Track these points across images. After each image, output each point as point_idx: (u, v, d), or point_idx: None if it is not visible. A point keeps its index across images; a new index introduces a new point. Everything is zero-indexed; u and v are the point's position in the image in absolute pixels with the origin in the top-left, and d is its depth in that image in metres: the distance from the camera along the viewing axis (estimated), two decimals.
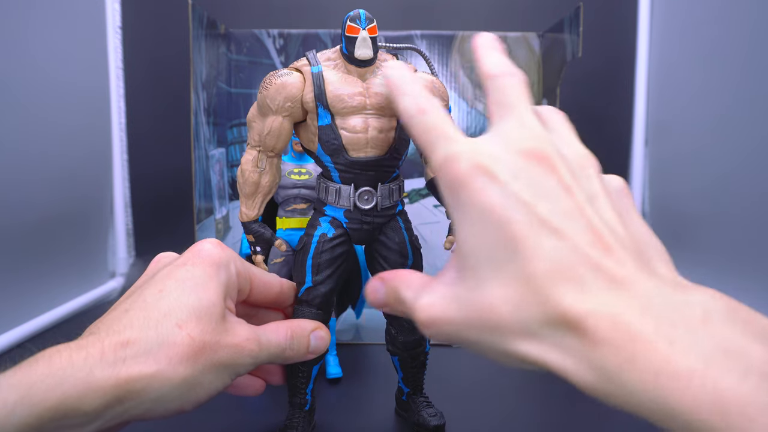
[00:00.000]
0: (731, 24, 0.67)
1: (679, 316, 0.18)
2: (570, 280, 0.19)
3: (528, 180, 0.21)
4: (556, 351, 0.19)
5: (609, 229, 0.20)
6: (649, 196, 0.86)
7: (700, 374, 0.16)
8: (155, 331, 0.25)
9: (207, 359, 0.26)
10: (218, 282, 0.28)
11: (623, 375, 0.17)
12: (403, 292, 0.25)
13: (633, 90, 0.85)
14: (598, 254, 0.19)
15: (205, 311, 0.27)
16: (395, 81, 0.26)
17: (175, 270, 0.28)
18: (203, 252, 0.29)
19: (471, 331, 0.22)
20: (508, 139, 0.23)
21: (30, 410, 0.21)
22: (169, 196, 0.84)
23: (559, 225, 0.20)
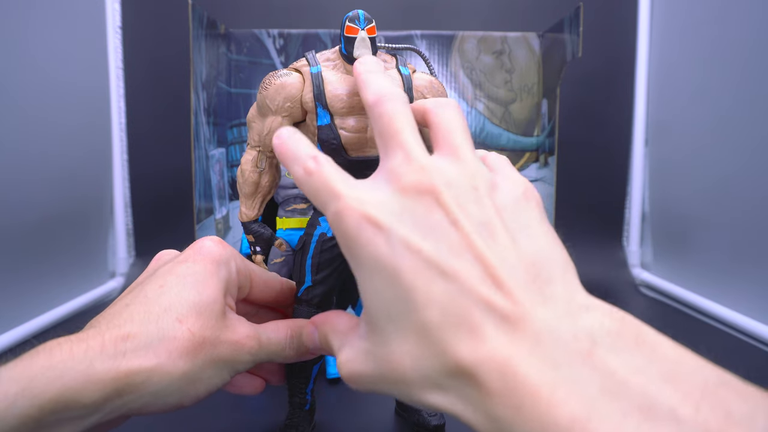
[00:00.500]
0: (731, 24, 0.67)
1: (564, 353, 0.18)
2: (462, 326, 0.19)
3: (413, 220, 0.21)
4: (459, 401, 0.19)
5: (500, 259, 0.20)
6: (649, 197, 0.86)
7: (579, 424, 0.16)
8: (156, 326, 0.25)
9: (207, 354, 0.26)
10: (219, 279, 0.29)
11: (514, 426, 0.17)
12: (331, 340, 0.26)
13: (633, 90, 0.86)
14: (488, 291, 0.19)
15: (206, 307, 0.27)
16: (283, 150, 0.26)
17: (176, 266, 0.29)
18: (204, 249, 0.30)
19: (384, 385, 0.22)
20: (393, 176, 0.22)
21: (31, 402, 0.21)
22: (169, 196, 0.84)
23: (447, 265, 0.20)
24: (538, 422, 0.17)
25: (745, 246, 0.65)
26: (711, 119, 0.71)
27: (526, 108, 0.74)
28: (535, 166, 0.74)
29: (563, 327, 0.18)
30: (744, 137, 0.65)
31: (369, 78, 0.26)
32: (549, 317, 0.19)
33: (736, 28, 0.66)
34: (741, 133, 0.65)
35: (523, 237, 0.22)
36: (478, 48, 0.73)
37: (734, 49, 0.66)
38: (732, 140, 0.67)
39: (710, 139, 0.71)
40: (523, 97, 0.74)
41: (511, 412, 0.17)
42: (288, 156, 0.25)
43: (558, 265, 0.21)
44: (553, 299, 0.20)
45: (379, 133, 0.24)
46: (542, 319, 0.19)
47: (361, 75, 0.27)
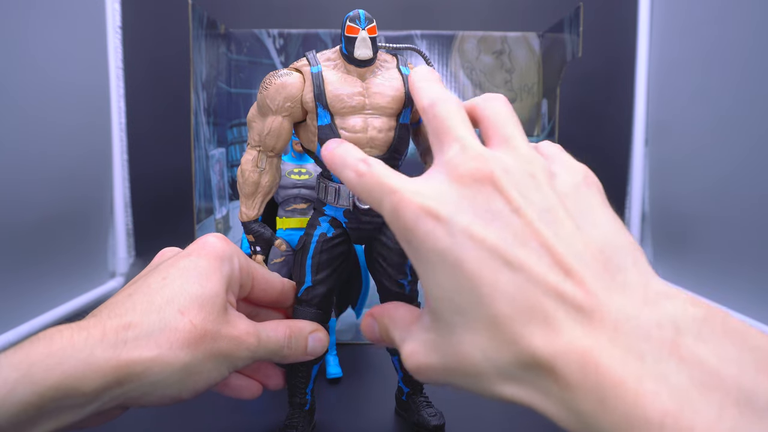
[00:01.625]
0: (731, 24, 0.67)
1: (648, 343, 0.17)
2: (534, 317, 0.18)
3: (474, 209, 0.20)
4: (537, 393, 0.19)
5: (567, 246, 0.19)
6: (649, 197, 0.86)
7: (672, 419, 0.15)
8: (157, 316, 0.26)
9: (207, 347, 0.26)
10: (221, 274, 0.29)
11: (598, 419, 0.16)
12: (392, 332, 0.26)
13: (633, 90, 0.86)
14: (559, 279, 0.18)
15: (208, 300, 0.27)
16: (332, 158, 0.26)
17: (179, 260, 0.29)
18: (208, 245, 0.30)
19: (454, 377, 0.21)
20: (449, 168, 0.22)
21: (31, 389, 0.21)
22: (169, 196, 0.84)
23: (513, 254, 0.19)
24: (624, 417, 0.16)
25: (745, 246, 0.65)
26: (711, 119, 0.71)
27: (526, 108, 0.74)
28: None
29: (643, 315, 0.17)
30: (744, 137, 0.65)
31: (423, 85, 0.26)
32: (626, 305, 0.18)
33: (736, 29, 0.66)
34: (741, 132, 0.65)
35: (588, 223, 0.21)
36: (478, 48, 0.73)
37: (734, 49, 0.66)
38: (732, 140, 0.67)
39: (710, 138, 0.71)
40: (523, 97, 0.74)
41: (595, 406, 0.16)
42: (338, 163, 0.26)
43: (627, 251, 0.20)
44: (628, 287, 0.19)
45: (434, 132, 0.24)
46: (619, 308, 0.18)
47: (416, 83, 0.27)
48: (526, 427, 0.43)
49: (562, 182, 0.22)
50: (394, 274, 0.38)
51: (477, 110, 0.25)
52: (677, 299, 0.18)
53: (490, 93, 0.26)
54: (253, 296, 0.34)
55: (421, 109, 0.25)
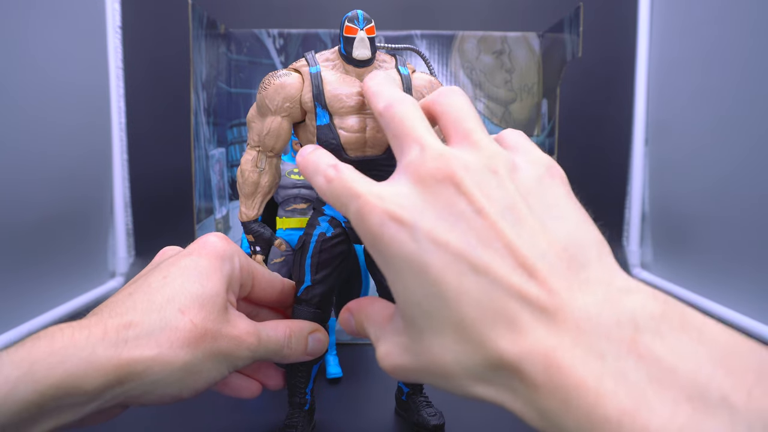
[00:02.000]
0: (731, 24, 0.67)
1: (608, 342, 0.17)
2: (500, 319, 0.18)
3: (437, 212, 0.20)
4: (506, 392, 0.19)
5: (531, 245, 0.19)
6: (648, 197, 0.86)
7: (629, 417, 0.15)
8: (158, 315, 0.26)
9: (207, 346, 0.26)
10: (222, 273, 0.29)
11: (562, 418, 0.17)
12: (367, 329, 0.26)
13: (633, 90, 0.86)
14: (522, 281, 0.19)
15: (208, 299, 0.27)
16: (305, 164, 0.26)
17: (180, 259, 0.29)
18: (208, 244, 0.30)
19: (428, 377, 0.22)
20: (410, 170, 0.22)
21: (32, 387, 0.21)
22: (169, 196, 0.84)
23: (477, 257, 0.19)
24: (586, 416, 0.16)
25: (745, 246, 0.65)
26: (711, 119, 0.71)
27: (526, 108, 0.74)
28: None
29: (604, 314, 0.18)
30: (744, 137, 0.65)
31: (378, 89, 0.26)
32: (588, 304, 0.18)
33: (736, 28, 0.66)
34: (741, 132, 0.65)
35: (552, 219, 0.21)
36: (478, 48, 0.73)
37: (734, 49, 0.66)
38: (732, 140, 0.67)
39: (710, 138, 0.71)
40: (523, 97, 0.74)
41: (559, 405, 0.17)
42: (310, 169, 0.26)
43: (592, 246, 0.20)
44: (591, 284, 0.19)
45: (393, 135, 0.24)
46: (581, 307, 0.18)
47: (371, 88, 0.27)
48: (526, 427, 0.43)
49: (525, 176, 0.22)
50: None
51: (434, 107, 0.25)
52: (638, 295, 0.18)
53: (446, 87, 0.26)
54: (253, 296, 0.34)
55: (378, 113, 0.25)
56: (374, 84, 0.27)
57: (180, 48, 0.68)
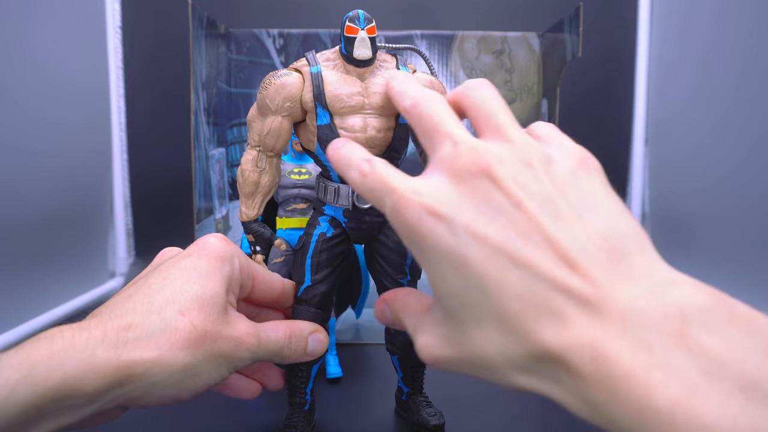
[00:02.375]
0: (731, 24, 0.67)
1: (655, 334, 0.17)
2: (543, 311, 0.18)
3: (474, 206, 0.20)
4: (552, 383, 0.19)
5: (571, 239, 0.19)
6: (649, 197, 0.86)
7: (682, 408, 0.15)
8: (158, 317, 0.26)
9: (207, 348, 0.26)
10: (222, 274, 0.29)
11: (610, 409, 0.17)
12: (404, 320, 0.26)
13: (633, 90, 0.86)
14: (564, 274, 0.19)
15: (208, 301, 0.27)
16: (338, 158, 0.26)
17: (179, 260, 0.29)
18: (208, 245, 0.30)
19: (470, 368, 0.21)
20: (445, 165, 0.22)
21: (32, 390, 0.21)
22: (169, 196, 0.84)
23: (518, 251, 0.19)
24: (636, 407, 0.16)
25: (745, 246, 0.65)
26: (711, 119, 0.71)
27: (526, 108, 0.74)
28: None
29: (650, 306, 0.18)
30: (744, 137, 0.65)
31: (402, 87, 0.26)
32: (633, 296, 0.18)
33: (736, 29, 0.66)
34: (741, 132, 0.65)
35: (589, 211, 0.21)
36: (478, 48, 0.73)
37: (734, 50, 0.66)
38: (732, 140, 0.67)
39: (710, 138, 0.71)
40: (523, 97, 0.74)
41: (607, 396, 0.17)
42: (343, 163, 0.25)
43: (632, 238, 0.20)
44: (634, 276, 0.19)
45: (422, 132, 0.24)
46: (626, 299, 0.18)
47: (395, 88, 0.26)
48: (525, 426, 0.43)
49: (560, 168, 0.22)
50: (393, 274, 0.38)
51: (463, 100, 0.25)
52: (684, 286, 0.18)
53: (473, 80, 0.25)
54: (253, 297, 0.34)
55: (404, 111, 0.25)
56: (398, 83, 0.27)
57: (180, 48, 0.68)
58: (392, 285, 0.38)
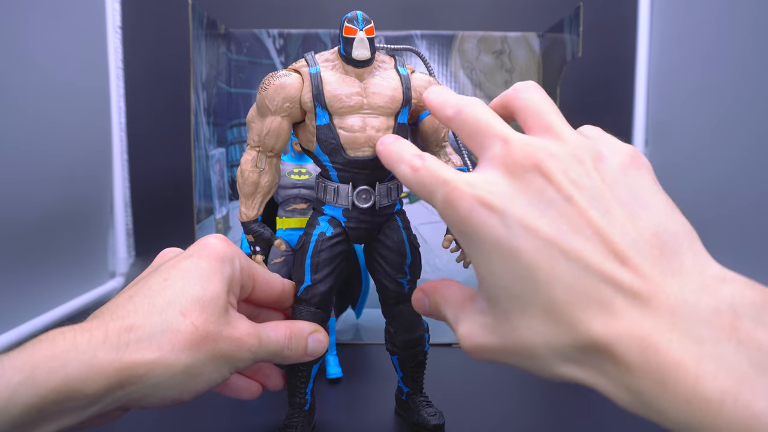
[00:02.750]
0: (731, 24, 0.67)
1: (706, 328, 0.17)
2: (592, 303, 0.19)
3: (527, 199, 0.21)
4: (596, 374, 0.19)
5: (621, 233, 0.20)
6: None
7: (731, 397, 0.16)
8: (159, 318, 0.26)
9: (208, 349, 0.26)
10: (222, 275, 0.29)
11: (658, 399, 0.17)
12: (444, 310, 0.26)
13: (633, 90, 0.86)
14: (614, 267, 0.19)
15: (209, 302, 0.27)
16: (388, 153, 0.27)
17: (180, 261, 0.29)
18: (209, 246, 0.30)
19: (512, 357, 0.22)
20: (497, 161, 0.22)
21: (34, 391, 0.21)
22: (169, 196, 0.84)
23: (568, 243, 0.19)
24: (684, 397, 0.16)
25: (744, 246, 0.65)
26: (711, 120, 0.71)
27: None
28: None
29: (702, 301, 0.18)
30: (744, 138, 0.65)
31: (442, 98, 0.26)
32: (684, 291, 0.18)
33: (736, 29, 0.66)
34: (741, 133, 0.65)
35: (640, 208, 0.21)
36: (478, 48, 0.73)
37: (734, 50, 0.66)
38: (732, 141, 0.67)
39: (710, 139, 0.71)
40: None
41: (655, 386, 0.17)
42: (393, 158, 0.26)
43: (682, 235, 0.21)
44: (684, 272, 0.19)
45: (470, 136, 0.24)
46: (676, 294, 0.18)
47: (434, 100, 0.27)
48: (526, 426, 0.43)
49: (611, 165, 0.22)
50: (393, 274, 0.38)
51: (511, 102, 0.25)
52: (735, 283, 0.19)
53: (521, 83, 0.26)
54: (253, 297, 0.34)
55: (448, 120, 0.25)
56: (436, 95, 0.27)
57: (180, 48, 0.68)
58: (392, 285, 0.38)
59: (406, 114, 0.37)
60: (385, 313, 0.40)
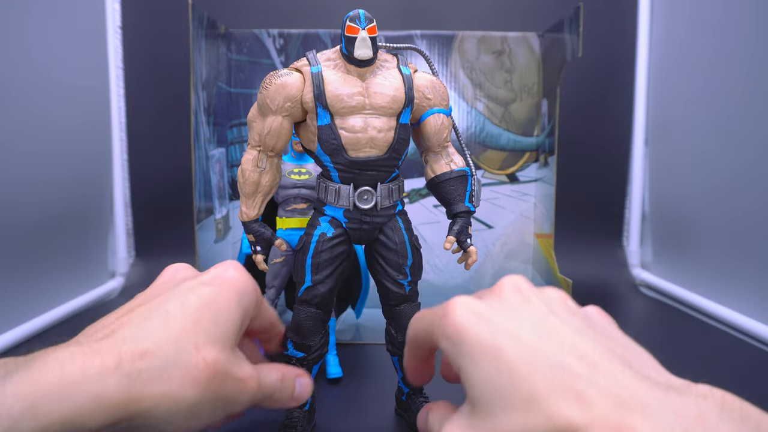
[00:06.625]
0: (732, 26, 0.67)
1: (676, 418, 0.19)
2: (569, 394, 0.21)
3: (510, 313, 0.24)
4: None
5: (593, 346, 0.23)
6: (649, 197, 0.86)
7: None
8: (173, 347, 0.25)
9: (215, 388, 0.26)
10: (238, 312, 0.28)
11: None
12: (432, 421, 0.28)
13: (633, 90, 0.86)
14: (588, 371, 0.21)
15: (221, 338, 0.27)
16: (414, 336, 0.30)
17: (199, 287, 0.28)
18: (229, 277, 0.29)
19: None
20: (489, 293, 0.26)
21: (35, 423, 0.21)
22: (169, 196, 0.84)
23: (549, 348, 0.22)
24: None
25: (744, 246, 0.65)
26: (711, 119, 0.71)
27: (526, 108, 0.74)
28: (535, 166, 0.74)
29: (669, 398, 0.20)
30: (744, 138, 0.65)
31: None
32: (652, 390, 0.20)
33: (736, 31, 0.66)
34: (741, 133, 0.65)
35: (608, 336, 0.25)
36: (478, 48, 0.73)
37: (734, 51, 0.66)
38: (732, 141, 0.67)
39: (710, 139, 0.71)
40: (523, 97, 0.74)
41: None
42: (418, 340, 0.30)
43: (646, 356, 0.24)
44: (651, 379, 0.22)
45: None
46: (646, 390, 0.20)
47: None
48: None
49: (583, 311, 0.27)
50: (394, 275, 0.38)
51: None
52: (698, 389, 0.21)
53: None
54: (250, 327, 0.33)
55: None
56: None
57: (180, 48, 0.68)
58: (392, 285, 0.38)
59: (408, 114, 0.37)
60: (385, 313, 0.40)
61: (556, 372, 0.21)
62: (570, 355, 0.22)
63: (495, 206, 0.75)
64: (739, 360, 0.55)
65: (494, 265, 0.75)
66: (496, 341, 0.23)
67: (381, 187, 0.37)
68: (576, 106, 0.83)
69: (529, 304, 0.25)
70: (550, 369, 0.22)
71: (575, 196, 0.83)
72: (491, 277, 0.75)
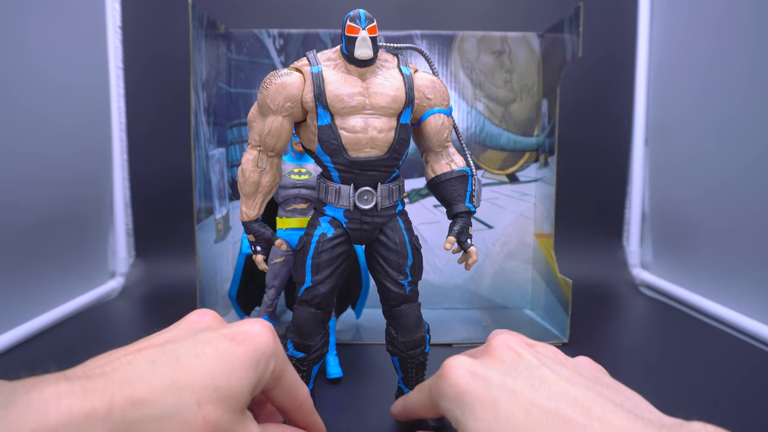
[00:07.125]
0: (732, 26, 0.67)
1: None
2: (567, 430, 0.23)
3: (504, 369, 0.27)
4: None
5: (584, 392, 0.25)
6: (649, 197, 0.86)
7: None
8: (173, 399, 0.23)
9: None
10: (254, 373, 0.27)
11: None
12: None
13: (633, 90, 0.86)
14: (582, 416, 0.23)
15: (229, 397, 0.25)
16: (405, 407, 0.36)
17: (219, 340, 0.27)
18: (254, 336, 0.28)
19: None
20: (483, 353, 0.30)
21: None
22: (169, 196, 0.84)
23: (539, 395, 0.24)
24: None
25: (744, 246, 0.65)
26: (711, 119, 0.71)
27: (526, 108, 0.74)
28: (535, 166, 0.74)
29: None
30: (744, 138, 0.65)
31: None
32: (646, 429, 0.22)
33: (736, 31, 0.66)
34: (741, 133, 0.65)
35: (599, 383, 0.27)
36: (478, 48, 0.73)
37: (735, 51, 0.66)
38: (732, 141, 0.67)
39: (710, 139, 0.71)
40: (523, 97, 0.74)
41: None
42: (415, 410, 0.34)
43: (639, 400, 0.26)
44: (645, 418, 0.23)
45: None
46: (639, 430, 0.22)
47: None
48: None
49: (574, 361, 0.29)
50: (394, 275, 0.38)
51: None
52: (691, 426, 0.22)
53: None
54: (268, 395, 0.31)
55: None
56: None
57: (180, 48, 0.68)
58: (393, 285, 0.38)
59: (408, 114, 0.37)
60: (386, 314, 0.40)
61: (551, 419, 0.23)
62: (563, 401, 0.24)
63: (495, 206, 0.75)
64: (739, 360, 0.55)
65: (494, 265, 0.75)
66: (494, 396, 0.25)
67: (381, 187, 0.37)
68: (576, 106, 0.83)
69: (522, 359, 0.28)
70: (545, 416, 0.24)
71: (575, 196, 0.83)
72: (491, 277, 0.75)
